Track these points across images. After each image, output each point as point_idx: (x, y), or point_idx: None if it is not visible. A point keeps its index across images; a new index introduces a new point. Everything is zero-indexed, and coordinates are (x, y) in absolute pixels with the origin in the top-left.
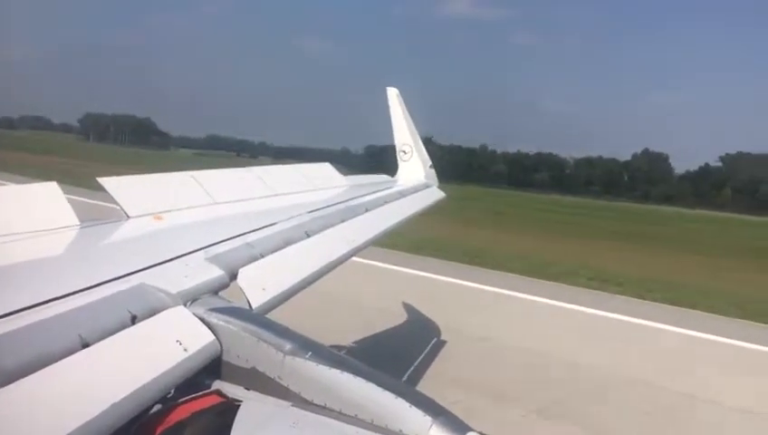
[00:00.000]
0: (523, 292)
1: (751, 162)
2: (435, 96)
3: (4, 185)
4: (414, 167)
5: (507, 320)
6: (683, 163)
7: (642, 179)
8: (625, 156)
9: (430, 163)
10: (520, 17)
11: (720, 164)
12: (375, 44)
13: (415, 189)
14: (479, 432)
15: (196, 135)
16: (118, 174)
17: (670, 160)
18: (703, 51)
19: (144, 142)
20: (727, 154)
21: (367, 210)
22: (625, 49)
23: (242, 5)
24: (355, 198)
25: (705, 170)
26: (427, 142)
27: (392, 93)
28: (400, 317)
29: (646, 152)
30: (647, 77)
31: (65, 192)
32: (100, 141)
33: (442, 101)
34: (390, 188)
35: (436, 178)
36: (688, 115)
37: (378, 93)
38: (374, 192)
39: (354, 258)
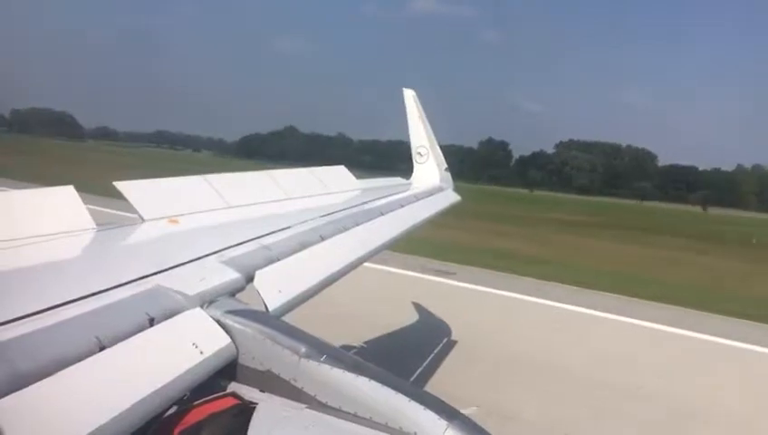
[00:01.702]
0: None
1: (577, 148)
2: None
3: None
4: (429, 169)
5: None
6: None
7: (482, 164)
8: None
9: (445, 166)
10: (486, 14)
11: (554, 150)
12: (345, 41)
13: (429, 192)
14: None
15: (144, 130)
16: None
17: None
18: (674, 50)
19: (62, 134)
20: (561, 142)
21: (381, 214)
22: (594, 46)
23: (213, 6)
24: (370, 201)
25: (536, 155)
26: (292, 130)
27: (408, 95)
28: None
29: (490, 141)
30: (616, 75)
31: None
32: (21, 133)
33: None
34: (405, 191)
35: (451, 181)
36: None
37: (350, 89)
38: (389, 195)
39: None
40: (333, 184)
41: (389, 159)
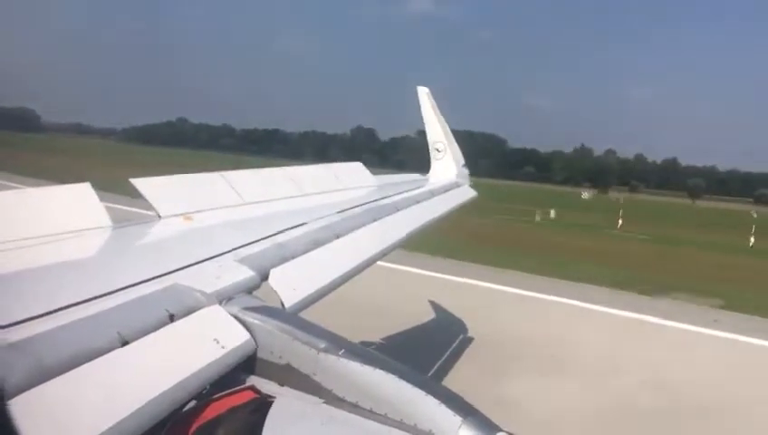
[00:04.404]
0: None
1: None
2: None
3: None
4: (446, 165)
5: None
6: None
7: (352, 148)
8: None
9: (463, 162)
10: (482, 15)
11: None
12: (345, 42)
13: (446, 188)
14: (509, 433)
15: (119, 126)
16: None
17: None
18: (667, 46)
19: (25, 128)
20: (421, 130)
21: (398, 210)
22: (589, 43)
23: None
24: (385, 197)
25: (395, 140)
26: (182, 121)
27: (422, 92)
28: None
29: (359, 127)
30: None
31: None
32: None
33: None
34: (421, 187)
35: (468, 177)
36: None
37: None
38: (405, 191)
39: None
40: (349, 180)
41: (264, 142)
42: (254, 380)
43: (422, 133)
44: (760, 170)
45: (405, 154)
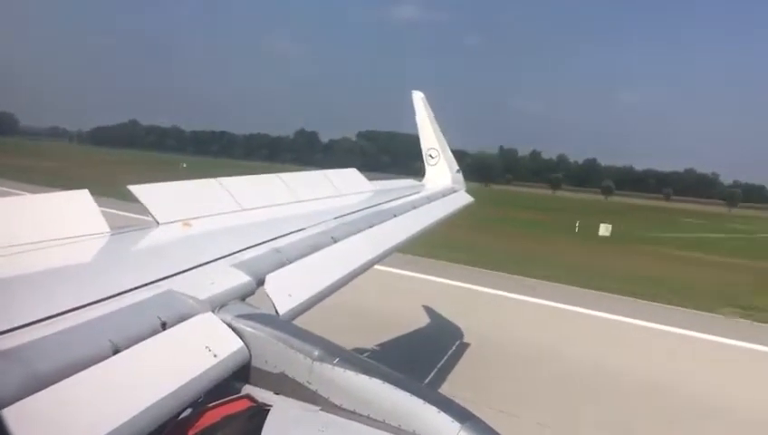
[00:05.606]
0: None
1: (368, 136)
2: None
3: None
4: (441, 171)
5: None
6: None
7: (295, 148)
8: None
9: (457, 167)
10: (467, 20)
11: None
12: (337, 46)
13: (442, 194)
14: None
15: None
16: None
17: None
18: (657, 49)
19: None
20: (361, 132)
21: (394, 215)
22: (571, 47)
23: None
24: (382, 203)
25: (343, 140)
26: (133, 123)
27: (417, 97)
28: None
29: (302, 131)
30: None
31: None
32: None
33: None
34: (417, 192)
35: (463, 182)
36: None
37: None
38: (401, 197)
39: None
40: (345, 186)
41: (209, 144)
42: (249, 389)
43: (361, 135)
44: (672, 169)
45: (342, 155)
